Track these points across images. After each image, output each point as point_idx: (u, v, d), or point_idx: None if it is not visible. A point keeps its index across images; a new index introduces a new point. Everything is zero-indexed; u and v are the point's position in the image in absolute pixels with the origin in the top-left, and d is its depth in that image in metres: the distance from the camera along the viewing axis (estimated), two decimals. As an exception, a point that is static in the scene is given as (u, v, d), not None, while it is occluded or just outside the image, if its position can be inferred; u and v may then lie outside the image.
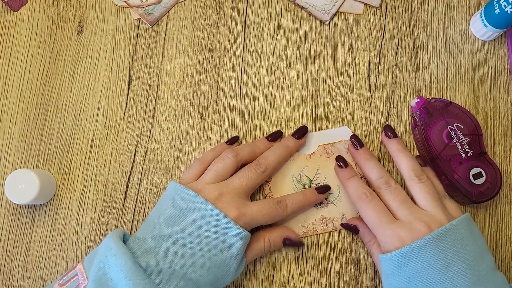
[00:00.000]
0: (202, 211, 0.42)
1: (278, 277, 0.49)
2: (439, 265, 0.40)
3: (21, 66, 0.55)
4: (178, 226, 0.42)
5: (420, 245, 0.40)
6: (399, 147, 0.47)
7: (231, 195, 0.44)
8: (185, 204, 0.43)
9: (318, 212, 0.49)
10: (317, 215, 0.49)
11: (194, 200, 0.43)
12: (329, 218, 0.49)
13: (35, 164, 0.52)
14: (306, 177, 0.49)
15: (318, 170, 0.49)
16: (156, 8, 0.55)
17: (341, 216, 0.49)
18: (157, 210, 0.45)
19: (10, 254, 0.50)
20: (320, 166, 0.49)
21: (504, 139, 0.51)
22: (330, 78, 0.53)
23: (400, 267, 0.41)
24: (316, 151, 0.50)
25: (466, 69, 0.53)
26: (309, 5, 0.55)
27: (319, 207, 0.49)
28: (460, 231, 0.41)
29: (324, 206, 0.49)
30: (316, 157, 0.49)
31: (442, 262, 0.40)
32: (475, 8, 0.55)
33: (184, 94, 0.53)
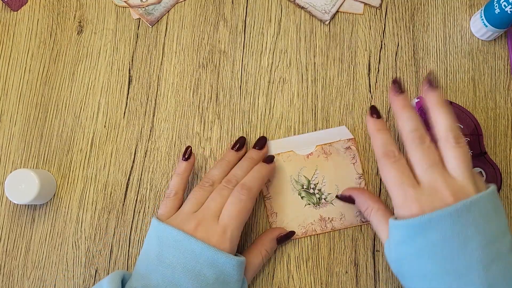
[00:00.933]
0: (191, 249, 0.41)
1: (278, 277, 0.49)
2: (458, 239, 0.36)
3: (21, 66, 0.55)
4: (171, 270, 0.40)
5: (442, 216, 0.37)
6: (440, 100, 0.41)
7: (208, 220, 0.42)
8: (172, 245, 0.41)
9: (317, 212, 0.49)
10: (316, 215, 0.49)
11: (179, 239, 0.41)
12: (328, 218, 0.49)
13: (35, 164, 0.52)
14: (304, 177, 0.49)
15: (316, 170, 0.49)
16: (156, 8, 0.55)
17: (339, 216, 0.49)
18: (145, 254, 0.43)
19: (10, 254, 0.50)
20: (318, 166, 0.49)
21: (504, 139, 0.51)
22: (330, 78, 0.53)
23: (415, 236, 0.38)
24: (314, 151, 0.49)
25: (466, 69, 0.53)
26: (309, 5, 0.55)
27: (318, 207, 0.49)
28: (486, 205, 0.37)
29: (322, 206, 0.49)
30: (314, 157, 0.49)
31: (462, 236, 0.36)
32: (475, 8, 0.55)
33: (184, 94, 0.53)
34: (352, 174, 0.49)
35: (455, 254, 0.37)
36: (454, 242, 0.37)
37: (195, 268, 0.40)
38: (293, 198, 0.49)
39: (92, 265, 0.50)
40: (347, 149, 0.50)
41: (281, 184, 0.49)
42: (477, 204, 0.37)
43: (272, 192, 0.49)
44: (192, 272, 0.40)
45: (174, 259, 0.41)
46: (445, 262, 0.37)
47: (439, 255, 0.37)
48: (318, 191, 0.49)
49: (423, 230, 0.37)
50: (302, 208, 0.49)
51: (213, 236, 0.42)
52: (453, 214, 0.36)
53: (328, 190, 0.49)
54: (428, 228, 0.37)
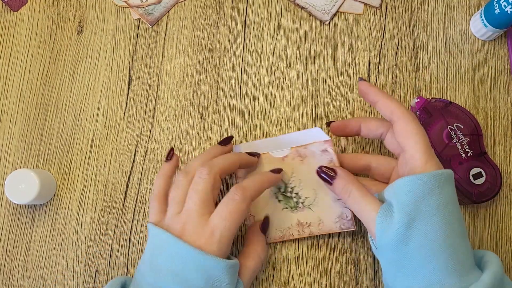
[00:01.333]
0: (176, 252, 0.39)
1: (278, 277, 0.49)
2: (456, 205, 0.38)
3: (21, 66, 0.55)
4: (159, 274, 0.39)
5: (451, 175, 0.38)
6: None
7: (192, 221, 0.40)
8: (161, 249, 0.40)
9: (294, 216, 0.47)
10: (294, 220, 0.47)
11: (167, 242, 0.40)
12: (306, 223, 0.47)
13: (35, 164, 0.52)
14: (281, 180, 0.47)
15: (293, 173, 0.47)
16: (156, 8, 0.55)
17: (317, 221, 0.46)
18: (142, 259, 0.42)
19: (10, 254, 0.50)
20: (294, 169, 0.47)
21: (504, 139, 0.51)
22: (330, 78, 0.53)
23: (444, 184, 0.37)
24: (289, 154, 0.47)
25: (466, 69, 0.53)
26: (309, 5, 0.55)
27: (296, 211, 0.47)
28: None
29: (300, 210, 0.46)
30: (289, 160, 0.47)
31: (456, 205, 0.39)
32: (475, 8, 0.55)
33: (184, 94, 0.53)
34: None
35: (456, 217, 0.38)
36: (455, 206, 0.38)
37: (182, 272, 0.39)
38: (270, 201, 0.47)
39: (92, 265, 0.50)
40: (324, 152, 0.46)
41: None
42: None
43: None
44: (180, 277, 0.39)
45: (162, 263, 0.39)
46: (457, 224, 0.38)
47: (454, 215, 0.38)
48: (296, 194, 0.47)
49: (446, 184, 0.38)
50: (280, 211, 0.47)
51: (200, 238, 0.39)
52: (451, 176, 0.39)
53: (306, 194, 0.46)
54: (444, 185, 0.37)
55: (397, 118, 0.40)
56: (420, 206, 0.37)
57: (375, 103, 0.42)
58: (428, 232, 0.36)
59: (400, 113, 0.40)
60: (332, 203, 0.46)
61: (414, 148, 0.39)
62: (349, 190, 0.41)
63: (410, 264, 0.37)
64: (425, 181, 0.37)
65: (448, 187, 0.38)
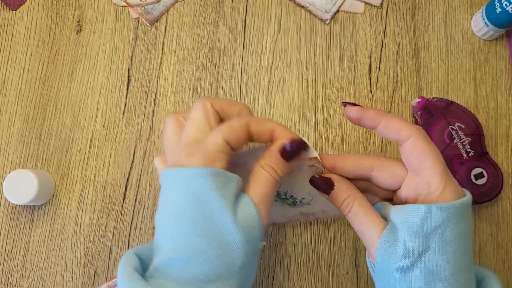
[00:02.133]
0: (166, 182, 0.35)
1: (278, 278, 0.48)
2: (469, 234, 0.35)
3: (20, 65, 0.54)
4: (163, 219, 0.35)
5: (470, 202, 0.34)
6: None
7: (187, 145, 0.34)
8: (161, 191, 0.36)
9: (296, 209, 0.44)
10: (296, 211, 0.44)
11: (162, 177, 0.35)
12: (309, 213, 0.44)
13: (34, 164, 0.52)
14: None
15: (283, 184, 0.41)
16: (155, 7, 0.55)
17: (321, 212, 0.43)
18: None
19: (8, 255, 0.50)
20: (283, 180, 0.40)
21: (505, 139, 0.51)
22: (331, 77, 0.53)
23: (461, 217, 0.33)
24: None
25: (467, 69, 0.53)
26: (310, 4, 0.54)
27: (295, 206, 0.44)
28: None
29: (300, 206, 0.43)
30: None
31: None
32: (476, 7, 0.54)
33: (184, 93, 0.53)
34: None
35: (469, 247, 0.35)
36: (468, 234, 0.35)
37: (174, 203, 0.34)
38: None
39: (91, 266, 0.49)
40: (311, 167, 0.39)
41: None
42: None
43: None
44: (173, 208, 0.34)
45: (162, 205, 0.35)
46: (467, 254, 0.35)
47: (466, 246, 0.34)
48: (291, 197, 0.43)
49: (464, 214, 0.34)
50: (279, 207, 0.44)
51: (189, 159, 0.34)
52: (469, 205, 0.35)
53: (301, 196, 0.42)
54: (466, 212, 0.34)
55: (406, 137, 0.35)
56: (431, 240, 0.33)
57: (376, 127, 0.36)
58: (435, 270, 0.33)
59: (407, 132, 0.35)
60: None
61: (430, 172, 0.34)
62: (350, 205, 0.36)
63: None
64: (442, 213, 0.33)
65: (465, 217, 0.34)
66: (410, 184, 0.36)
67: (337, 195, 0.37)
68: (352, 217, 0.36)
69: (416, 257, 0.33)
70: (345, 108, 0.37)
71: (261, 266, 0.49)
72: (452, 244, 0.33)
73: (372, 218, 0.35)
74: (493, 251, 0.48)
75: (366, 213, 0.36)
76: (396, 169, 0.37)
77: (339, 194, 0.37)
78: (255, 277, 0.48)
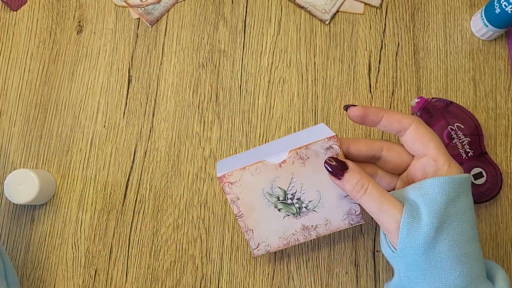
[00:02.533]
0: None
1: (278, 277, 0.49)
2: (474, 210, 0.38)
3: (21, 66, 0.54)
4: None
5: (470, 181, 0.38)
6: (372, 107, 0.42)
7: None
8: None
9: (298, 222, 0.43)
10: (298, 225, 0.43)
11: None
12: (311, 226, 0.43)
13: (35, 164, 0.52)
14: (279, 188, 0.42)
15: (293, 179, 0.42)
16: (155, 7, 0.55)
17: (324, 222, 0.43)
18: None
19: (9, 254, 0.50)
20: (294, 174, 0.41)
21: (504, 139, 0.51)
22: (330, 78, 0.53)
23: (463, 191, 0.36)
24: (287, 158, 0.41)
25: (466, 69, 0.53)
26: (309, 4, 0.55)
27: (298, 216, 0.43)
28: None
29: (304, 215, 0.43)
30: (288, 165, 0.41)
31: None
32: (475, 8, 0.54)
33: (184, 94, 0.53)
34: None
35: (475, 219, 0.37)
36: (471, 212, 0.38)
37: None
38: (269, 212, 0.43)
39: (92, 265, 0.50)
40: (328, 149, 0.41)
41: (252, 200, 0.42)
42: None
43: (244, 209, 0.43)
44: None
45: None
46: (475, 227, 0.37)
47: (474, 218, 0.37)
48: (297, 200, 0.42)
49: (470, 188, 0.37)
50: (281, 220, 0.43)
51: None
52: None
53: (309, 197, 0.42)
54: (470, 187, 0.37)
55: (408, 124, 0.38)
56: (450, 209, 0.35)
57: (379, 122, 0.39)
58: (457, 236, 0.35)
59: (409, 120, 0.38)
60: (339, 201, 0.42)
61: (435, 151, 0.37)
62: (364, 186, 0.37)
63: (436, 269, 0.35)
64: (457, 183, 0.36)
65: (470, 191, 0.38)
66: (415, 166, 0.39)
67: (350, 177, 0.38)
68: (367, 198, 0.37)
69: (440, 226, 0.35)
70: (348, 110, 0.40)
71: (261, 265, 0.49)
72: (467, 213, 0.36)
73: (389, 197, 0.37)
74: (492, 251, 0.48)
75: (382, 193, 0.37)
76: (403, 151, 0.40)
77: (352, 176, 0.38)
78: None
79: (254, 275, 0.49)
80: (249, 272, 0.49)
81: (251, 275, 0.49)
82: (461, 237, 0.35)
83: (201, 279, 0.49)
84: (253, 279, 0.49)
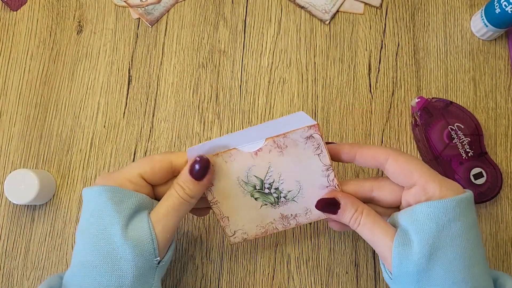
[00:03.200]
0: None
1: (278, 277, 0.49)
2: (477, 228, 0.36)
3: (21, 66, 0.54)
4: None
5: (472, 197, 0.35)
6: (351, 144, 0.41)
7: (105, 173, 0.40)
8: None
9: (276, 210, 0.41)
10: (276, 214, 0.41)
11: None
12: (291, 215, 0.41)
13: (35, 164, 0.52)
14: (255, 177, 0.39)
15: (270, 168, 0.39)
16: (156, 7, 0.55)
17: (304, 211, 0.41)
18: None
19: (9, 254, 0.50)
20: (272, 163, 0.39)
21: (504, 139, 0.51)
22: (330, 78, 0.53)
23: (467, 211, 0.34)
24: (264, 146, 0.38)
25: (466, 69, 0.53)
26: (309, 4, 0.55)
27: (277, 206, 0.41)
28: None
29: (282, 204, 0.41)
30: (265, 153, 0.38)
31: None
32: (475, 8, 0.54)
33: (184, 94, 0.53)
34: (317, 166, 0.39)
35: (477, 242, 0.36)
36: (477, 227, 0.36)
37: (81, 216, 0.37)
38: (245, 200, 0.41)
39: (92, 265, 0.50)
40: (308, 139, 0.38)
41: (227, 187, 0.40)
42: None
43: (218, 197, 0.40)
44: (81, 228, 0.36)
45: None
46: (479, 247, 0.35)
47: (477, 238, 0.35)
48: (275, 190, 0.40)
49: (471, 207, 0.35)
50: (258, 208, 0.41)
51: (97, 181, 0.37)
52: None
53: (288, 187, 0.40)
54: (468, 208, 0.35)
55: (384, 159, 0.37)
56: (442, 235, 0.34)
57: (354, 158, 0.38)
58: (452, 264, 0.34)
59: (384, 154, 0.37)
60: (320, 190, 0.40)
61: (422, 180, 0.35)
62: (358, 218, 0.37)
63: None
64: (449, 207, 0.34)
65: (471, 210, 0.35)
66: (407, 196, 0.37)
67: (344, 212, 0.37)
68: (361, 228, 0.37)
69: (432, 254, 0.34)
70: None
71: (261, 265, 0.49)
72: (464, 237, 0.34)
73: (381, 225, 0.36)
74: (492, 251, 0.48)
75: (374, 221, 0.36)
76: (394, 185, 0.38)
77: (346, 210, 0.37)
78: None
79: (254, 275, 0.49)
80: (249, 272, 0.49)
81: (251, 275, 0.49)
82: (458, 263, 0.34)
83: (201, 279, 0.49)
84: (253, 279, 0.49)
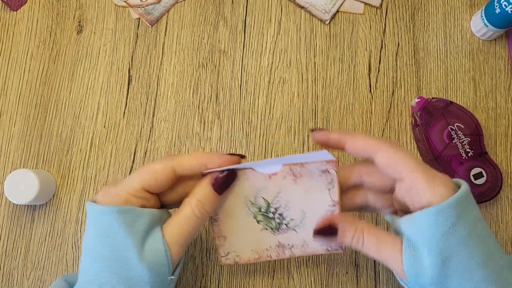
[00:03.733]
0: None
1: (278, 277, 0.49)
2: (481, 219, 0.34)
3: (21, 66, 0.54)
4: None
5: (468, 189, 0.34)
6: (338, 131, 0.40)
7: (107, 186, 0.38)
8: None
9: (275, 237, 0.41)
10: (273, 241, 0.41)
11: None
12: (287, 245, 0.41)
13: (35, 164, 0.52)
14: (263, 199, 0.39)
15: (280, 193, 0.39)
16: (156, 7, 0.55)
17: (301, 244, 0.41)
18: None
19: (9, 254, 0.50)
20: (283, 189, 0.39)
21: (504, 139, 0.51)
22: (330, 78, 0.53)
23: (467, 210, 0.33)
24: (279, 172, 0.39)
25: (466, 69, 0.53)
26: (309, 4, 0.55)
27: (277, 232, 0.40)
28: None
29: (282, 232, 0.40)
30: (279, 179, 0.39)
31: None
32: (475, 8, 0.54)
33: (184, 94, 0.53)
34: (325, 200, 0.39)
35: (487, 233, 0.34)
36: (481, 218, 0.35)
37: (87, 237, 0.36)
38: (246, 222, 0.40)
39: (92, 265, 0.50)
40: (324, 172, 0.39)
41: (233, 205, 0.40)
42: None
43: (221, 214, 0.40)
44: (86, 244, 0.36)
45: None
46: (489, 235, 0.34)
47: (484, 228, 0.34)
48: (280, 215, 0.40)
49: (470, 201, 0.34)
50: (258, 232, 0.41)
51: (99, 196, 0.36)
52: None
53: (292, 215, 0.40)
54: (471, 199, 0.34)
55: (373, 152, 0.35)
56: (451, 240, 0.32)
57: (343, 148, 0.37)
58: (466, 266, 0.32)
59: (373, 147, 0.35)
60: None
61: (411, 176, 0.34)
62: (360, 238, 0.36)
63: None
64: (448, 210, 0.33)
65: (470, 204, 0.34)
66: (400, 189, 0.36)
67: (344, 234, 0.36)
68: (366, 247, 0.35)
69: (444, 262, 0.33)
70: (313, 133, 0.38)
71: (261, 265, 0.49)
72: (473, 233, 0.33)
73: (385, 240, 0.35)
74: (492, 251, 0.49)
75: (378, 239, 0.35)
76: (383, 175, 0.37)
77: (345, 232, 0.36)
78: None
79: (254, 275, 0.49)
80: (249, 272, 0.49)
81: (251, 275, 0.49)
82: (471, 265, 0.32)
83: (201, 279, 0.49)
84: (253, 279, 0.49)
